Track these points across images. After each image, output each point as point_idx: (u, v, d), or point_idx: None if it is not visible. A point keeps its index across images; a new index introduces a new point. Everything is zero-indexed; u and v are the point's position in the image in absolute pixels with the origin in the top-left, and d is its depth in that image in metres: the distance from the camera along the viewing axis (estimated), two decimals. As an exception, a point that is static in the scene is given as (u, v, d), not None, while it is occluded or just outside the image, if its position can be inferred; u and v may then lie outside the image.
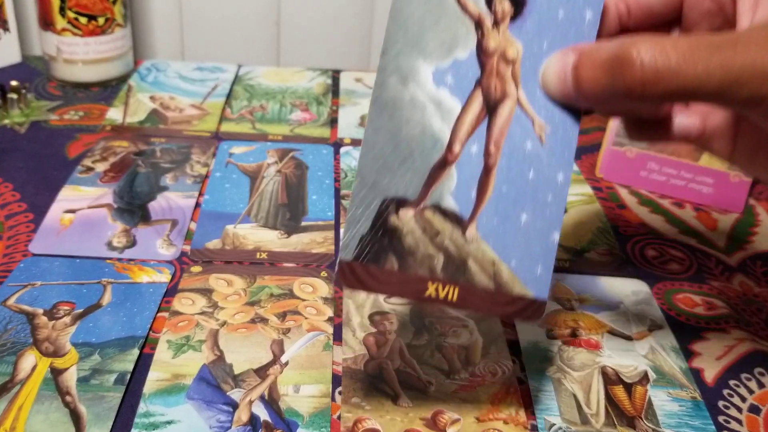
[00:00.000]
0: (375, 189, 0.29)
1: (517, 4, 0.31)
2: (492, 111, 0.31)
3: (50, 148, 0.59)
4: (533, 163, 0.31)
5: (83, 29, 0.67)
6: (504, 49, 0.31)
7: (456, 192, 0.30)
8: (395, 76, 0.29)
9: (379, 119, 0.29)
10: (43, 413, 0.35)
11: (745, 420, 0.38)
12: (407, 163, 0.30)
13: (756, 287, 0.48)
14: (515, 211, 0.31)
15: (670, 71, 0.27)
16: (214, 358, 0.39)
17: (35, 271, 0.45)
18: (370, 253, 0.29)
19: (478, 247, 0.31)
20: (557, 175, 0.31)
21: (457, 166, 0.30)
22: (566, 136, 0.31)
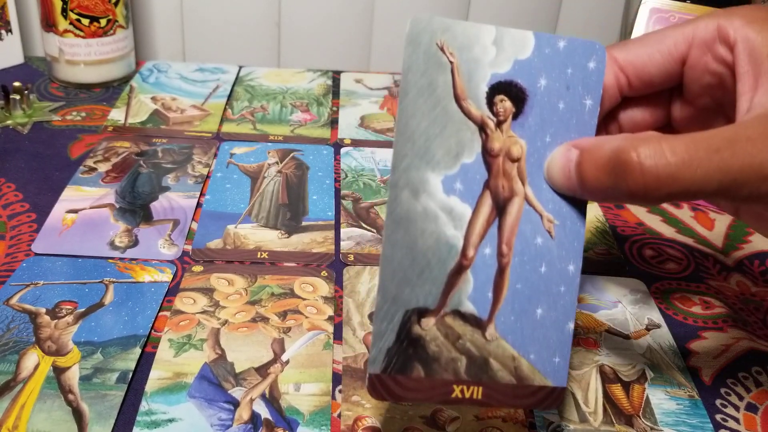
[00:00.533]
0: (396, 302, 0.30)
1: (518, 102, 0.31)
2: (501, 211, 0.32)
3: (53, 148, 0.59)
4: (545, 258, 0.32)
5: (85, 30, 0.67)
6: (508, 148, 0.31)
7: (473, 295, 0.31)
8: (407, 190, 0.30)
9: (395, 234, 0.30)
10: (46, 412, 0.36)
11: (742, 418, 0.39)
12: (425, 273, 0.30)
13: (753, 286, 0.49)
14: (531, 307, 0.32)
15: (670, 177, 0.27)
16: (215, 357, 0.40)
17: (38, 270, 0.45)
18: (397, 363, 0.30)
19: (498, 345, 0.32)
20: (568, 267, 0.32)
21: (472, 270, 0.31)
22: (574, 227, 0.32)
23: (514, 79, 0.31)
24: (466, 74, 0.31)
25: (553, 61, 0.32)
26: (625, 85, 0.34)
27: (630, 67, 0.34)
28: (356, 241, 0.50)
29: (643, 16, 0.52)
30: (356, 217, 0.53)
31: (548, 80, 0.32)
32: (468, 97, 0.31)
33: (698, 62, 0.33)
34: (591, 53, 0.32)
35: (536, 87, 0.32)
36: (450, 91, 0.31)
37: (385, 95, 0.72)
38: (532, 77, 0.32)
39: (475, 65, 0.31)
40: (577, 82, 0.32)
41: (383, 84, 0.74)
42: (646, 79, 0.34)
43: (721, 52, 0.32)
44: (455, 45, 0.30)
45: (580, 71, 0.32)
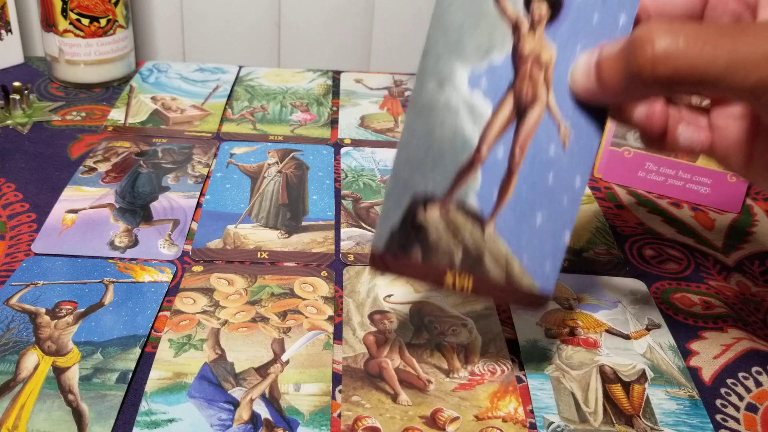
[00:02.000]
0: (407, 186, 0.31)
1: (555, 6, 0.32)
2: (521, 115, 0.32)
3: (53, 148, 0.59)
4: (554, 167, 0.32)
5: (85, 30, 0.67)
6: (538, 52, 0.32)
7: (480, 192, 0.32)
8: (433, 79, 0.31)
9: (415, 122, 0.31)
10: (46, 412, 0.36)
11: (742, 418, 0.39)
12: (438, 162, 0.31)
13: (753, 286, 0.49)
14: (532, 212, 0.32)
15: (678, 51, 0.27)
16: (215, 357, 0.40)
17: (37, 270, 0.45)
18: (399, 243, 0.31)
19: (495, 243, 0.32)
20: (575, 179, 0.33)
21: (483, 167, 0.32)
22: (589, 141, 0.32)
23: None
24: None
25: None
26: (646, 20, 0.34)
27: (652, 5, 0.34)
28: (356, 241, 0.50)
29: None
30: (356, 217, 0.53)
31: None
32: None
33: (719, 2, 0.33)
34: None
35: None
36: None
37: (385, 95, 0.72)
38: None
39: None
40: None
41: (383, 84, 0.74)
42: (667, 12, 0.34)
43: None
44: None
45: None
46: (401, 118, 0.68)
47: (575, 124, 0.32)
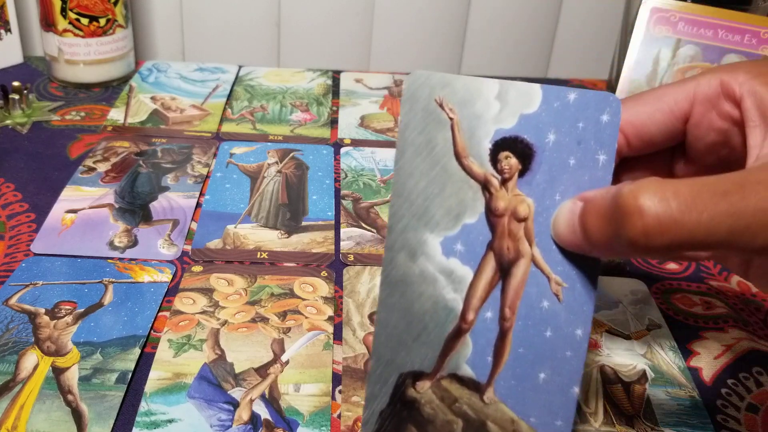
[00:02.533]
0: (391, 366, 0.30)
1: (525, 158, 0.30)
2: (506, 273, 0.30)
3: (52, 148, 0.59)
4: (551, 322, 0.30)
5: (84, 30, 0.67)
6: (515, 207, 0.30)
7: (472, 359, 0.30)
8: (403, 252, 0.29)
9: (390, 298, 0.29)
10: (45, 412, 0.36)
11: (743, 419, 0.39)
12: (422, 337, 0.30)
13: (754, 287, 0.49)
14: (533, 371, 0.31)
15: (673, 221, 0.25)
16: (215, 357, 0.40)
17: (37, 270, 0.45)
18: (390, 426, 0.30)
19: (497, 409, 0.31)
20: (576, 331, 0.31)
21: (471, 334, 0.30)
22: (584, 290, 0.31)
23: (519, 135, 0.30)
24: (468, 131, 0.29)
25: (563, 114, 0.30)
26: (624, 146, 0.33)
27: (629, 126, 0.32)
28: (356, 241, 0.50)
29: (644, 16, 0.52)
30: (356, 217, 0.53)
31: (558, 135, 0.30)
32: (470, 154, 0.29)
33: (702, 120, 0.32)
34: (604, 106, 0.30)
35: (544, 142, 0.30)
36: (450, 148, 0.29)
37: (385, 95, 0.72)
38: (539, 132, 0.30)
39: (478, 121, 0.29)
40: (589, 137, 0.30)
41: (383, 84, 0.74)
42: (647, 138, 0.33)
43: (727, 108, 0.31)
44: (455, 100, 0.29)
45: (592, 125, 0.30)
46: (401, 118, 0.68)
47: (567, 274, 0.30)
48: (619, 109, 0.30)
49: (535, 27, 0.83)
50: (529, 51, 0.84)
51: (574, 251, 0.30)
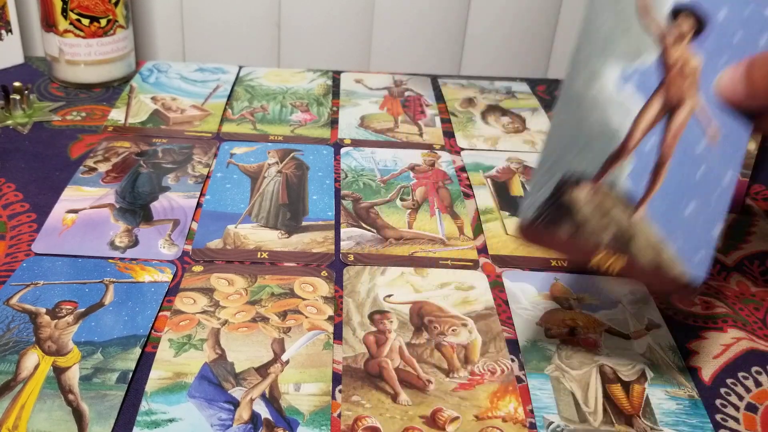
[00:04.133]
0: (558, 163, 0.32)
1: (700, 22, 0.34)
2: (670, 113, 0.33)
3: (53, 148, 0.59)
4: (704, 162, 0.33)
5: (85, 31, 0.67)
6: (686, 60, 0.33)
7: (631, 176, 0.33)
8: (583, 74, 0.33)
9: (564, 111, 0.33)
10: (46, 412, 0.36)
11: (742, 418, 0.39)
12: (587, 147, 0.33)
13: (753, 287, 0.49)
14: (683, 202, 0.33)
15: None
16: (215, 357, 0.40)
17: (38, 270, 0.45)
18: (548, 217, 0.32)
19: (646, 228, 0.33)
20: (725, 174, 0.33)
21: (634, 154, 0.33)
22: (737, 137, 0.34)
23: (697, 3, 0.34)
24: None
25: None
26: None
27: None
28: (356, 241, 0.50)
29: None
30: (356, 217, 0.53)
31: (729, 12, 0.34)
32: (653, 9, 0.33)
33: None
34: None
35: (717, 15, 0.33)
36: None
37: (385, 95, 0.72)
38: (714, 5, 0.34)
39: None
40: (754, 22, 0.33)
41: (383, 84, 0.74)
42: None
43: None
44: None
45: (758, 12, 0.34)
46: (401, 118, 0.68)
47: (723, 123, 0.33)
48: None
49: (535, 27, 0.83)
50: (529, 51, 0.84)
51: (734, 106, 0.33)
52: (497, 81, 0.77)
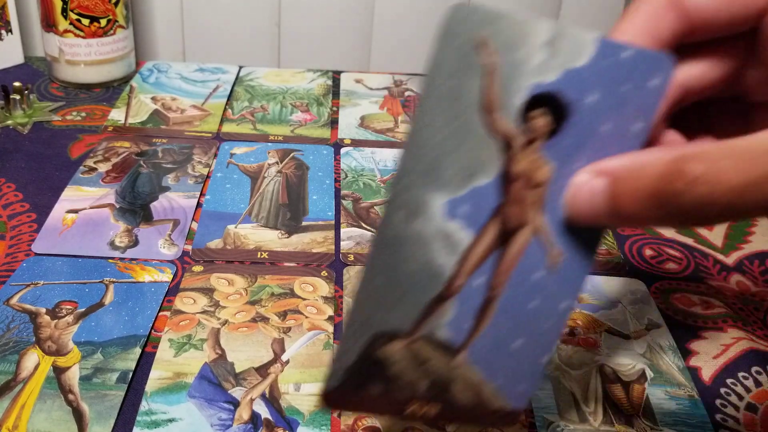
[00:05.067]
0: (367, 325, 0.28)
1: (558, 119, 0.27)
2: (506, 240, 0.28)
3: (53, 148, 0.59)
4: (539, 293, 0.29)
5: (85, 30, 0.67)
6: (533, 171, 0.27)
7: (451, 323, 0.28)
8: (402, 210, 0.27)
9: (378, 258, 0.27)
10: (46, 412, 0.36)
11: (742, 418, 0.39)
12: (405, 298, 0.28)
13: (753, 286, 0.49)
14: (509, 339, 0.29)
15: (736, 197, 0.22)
16: (215, 357, 0.40)
17: (38, 270, 0.45)
18: (355, 381, 0.28)
19: (466, 371, 0.29)
20: (562, 304, 0.29)
21: (457, 298, 0.28)
22: (581, 263, 0.28)
23: (559, 92, 0.26)
24: (503, 80, 0.26)
25: (611, 74, 0.26)
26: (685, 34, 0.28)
27: (695, 13, 0.28)
28: (356, 241, 0.50)
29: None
30: (356, 217, 0.53)
31: (598, 96, 0.26)
32: (499, 108, 0.26)
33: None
34: (657, 69, 0.26)
35: (583, 103, 0.26)
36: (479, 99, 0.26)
37: (385, 95, 0.72)
38: (581, 91, 0.26)
39: (516, 70, 0.26)
40: (630, 102, 0.27)
41: (383, 84, 0.74)
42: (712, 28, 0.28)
43: None
44: (497, 43, 0.25)
45: (638, 89, 0.27)
46: (401, 118, 0.68)
47: (566, 246, 0.28)
48: (671, 75, 0.27)
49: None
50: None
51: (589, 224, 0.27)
52: (497, 81, 0.76)
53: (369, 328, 0.28)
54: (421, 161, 0.26)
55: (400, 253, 0.27)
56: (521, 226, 0.28)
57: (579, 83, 0.26)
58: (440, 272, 0.28)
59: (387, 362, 0.28)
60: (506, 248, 0.28)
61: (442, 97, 0.26)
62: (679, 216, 0.23)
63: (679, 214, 0.23)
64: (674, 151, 0.24)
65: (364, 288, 0.28)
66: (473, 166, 0.27)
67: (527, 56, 0.26)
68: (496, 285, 0.28)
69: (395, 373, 0.29)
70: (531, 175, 0.27)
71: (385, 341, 0.28)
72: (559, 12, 0.82)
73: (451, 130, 0.26)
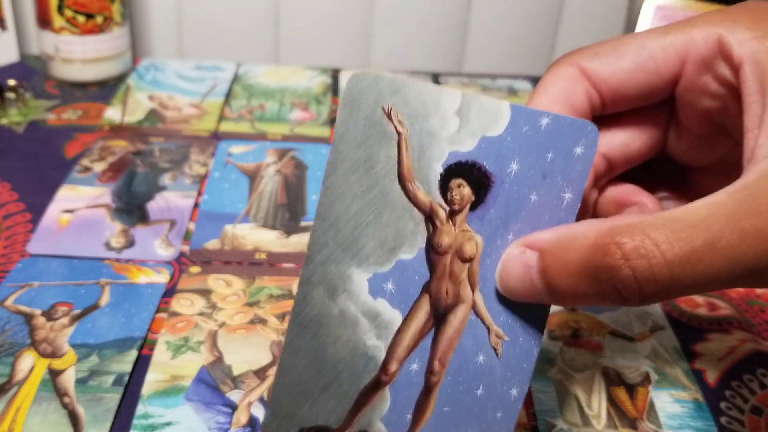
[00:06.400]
0: (290, 420, 0.26)
1: (480, 189, 0.26)
2: (441, 320, 0.26)
3: (48, 147, 0.59)
4: (484, 379, 0.27)
5: (81, 28, 0.66)
6: (460, 245, 0.26)
7: (388, 416, 0.26)
8: (321, 287, 0.25)
9: (299, 340, 0.25)
10: (41, 414, 0.35)
11: (747, 421, 0.38)
12: (332, 388, 0.26)
13: (758, 288, 0.48)
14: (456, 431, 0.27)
15: (670, 278, 0.22)
16: (213, 359, 0.39)
17: (33, 271, 0.45)
18: None
19: None
20: (511, 391, 0.27)
21: (391, 388, 0.26)
22: (527, 345, 0.27)
23: (477, 161, 0.25)
24: (417, 150, 0.25)
25: (531, 141, 0.26)
26: (599, 105, 0.28)
27: (604, 86, 0.28)
28: (356, 241, 0.50)
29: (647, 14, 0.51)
30: (356, 217, 0.52)
31: (521, 165, 0.26)
32: (416, 178, 0.25)
33: (694, 84, 0.27)
34: (580, 136, 0.26)
35: (505, 173, 0.26)
36: (393, 169, 0.25)
37: (385, 94, 0.71)
38: (501, 160, 0.26)
39: (430, 139, 0.25)
40: (557, 171, 0.26)
41: (382, 82, 0.74)
42: (625, 100, 0.28)
43: (724, 72, 0.26)
44: (406, 112, 0.25)
45: (562, 157, 0.26)
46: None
47: (509, 326, 0.26)
48: (595, 142, 0.26)
49: (536, 26, 0.82)
50: (531, 50, 0.83)
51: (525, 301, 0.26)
52: (499, 79, 0.76)
53: (293, 423, 0.26)
54: (338, 234, 0.25)
55: (324, 335, 0.25)
56: (456, 304, 0.26)
57: (497, 152, 0.25)
58: (373, 356, 0.26)
59: None
60: (442, 328, 0.26)
61: (352, 168, 0.25)
62: (620, 293, 0.22)
63: (619, 292, 0.22)
64: (606, 223, 0.23)
65: (283, 377, 0.26)
66: (396, 238, 0.26)
67: (439, 125, 0.25)
68: (435, 370, 0.26)
69: None
70: (459, 248, 0.26)
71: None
72: (558, 21, 0.82)
73: (366, 202, 0.25)
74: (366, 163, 0.25)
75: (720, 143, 0.29)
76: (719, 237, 0.21)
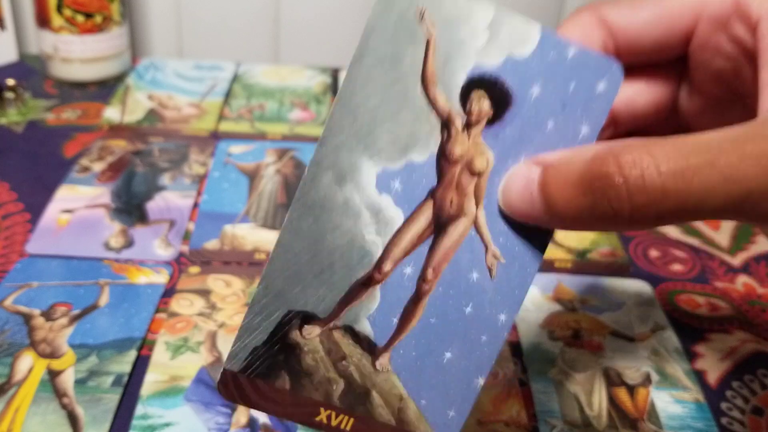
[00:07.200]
0: (279, 299, 0.26)
1: (499, 105, 0.26)
2: (441, 229, 0.26)
3: (47, 147, 0.58)
4: (474, 298, 0.27)
5: (80, 27, 0.66)
6: (472, 157, 0.26)
7: (375, 315, 0.26)
8: (331, 172, 0.25)
9: (300, 221, 0.25)
10: (40, 415, 0.35)
11: (748, 422, 0.38)
12: (324, 275, 0.26)
13: (759, 288, 0.48)
14: (439, 348, 0.27)
15: (661, 191, 0.21)
16: (212, 360, 0.39)
17: (32, 271, 0.44)
18: (261, 367, 0.26)
19: (387, 379, 0.27)
20: (499, 315, 0.27)
21: (382, 287, 0.26)
22: (522, 272, 0.27)
23: (501, 77, 0.26)
24: (444, 56, 0.25)
25: (556, 69, 0.26)
26: (613, 54, 0.28)
27: (621, 34, 0.28)
28: (356, 241, 0.49)
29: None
30: (356, 217, 0.52)
31: (543, 90, 0.26)
32: (438, 82, 0.25)
33: (707, 42, 0.27)
34: (603, 72, 0.26)
35: (526, 94, 0.26)
36: (417, 70, 0.25)
37: (385, 93, 0.71)
38: (524, 81, 0.26)
39: (458, 48, 0.25)
40: (577, 103, 0.26)
41: (382, 82, 0.73)
42: (639, 51, 0.28)
43: (739, 31, 0.26)
44: (439, 17, 0.25)
45: (585, 90, 0.26)
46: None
47: (507, 250, 0.26)
48: (619, 81, 0.26)
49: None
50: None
51: (526, 222, 0.26)
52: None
53: (282, 303, 0.26)
54: (354, 123, 0.25)
55: (325, 220, 0.26)
56: (458, 216, 0.26)
57: (522, 73, 0.26)
58: (369, 251, 0.26)
59: (299, 350, 0.26)
60: (441, 238, 0.26)
61: (379, 60, 0.25)
62: (611, 204, 0.22)
63: (610, 203, 0.22)
64: (609, 143, 0.23)
65: (279, 255, 0.26)
66: (409, 138, 0.26)
67: (469, 36, 0.25)
68: (428, 278, 0.26)
69: (308, 366, 0.26)
70: (470, 160, 0.26)
71: (300, 323, 0.26)
72: (558, 21, 0.82)
73: (387, 96, 0.25)
74: (392, 59, 0.25)
75: (731, 109, 0.28)
76: (719, 156, 0.21)
